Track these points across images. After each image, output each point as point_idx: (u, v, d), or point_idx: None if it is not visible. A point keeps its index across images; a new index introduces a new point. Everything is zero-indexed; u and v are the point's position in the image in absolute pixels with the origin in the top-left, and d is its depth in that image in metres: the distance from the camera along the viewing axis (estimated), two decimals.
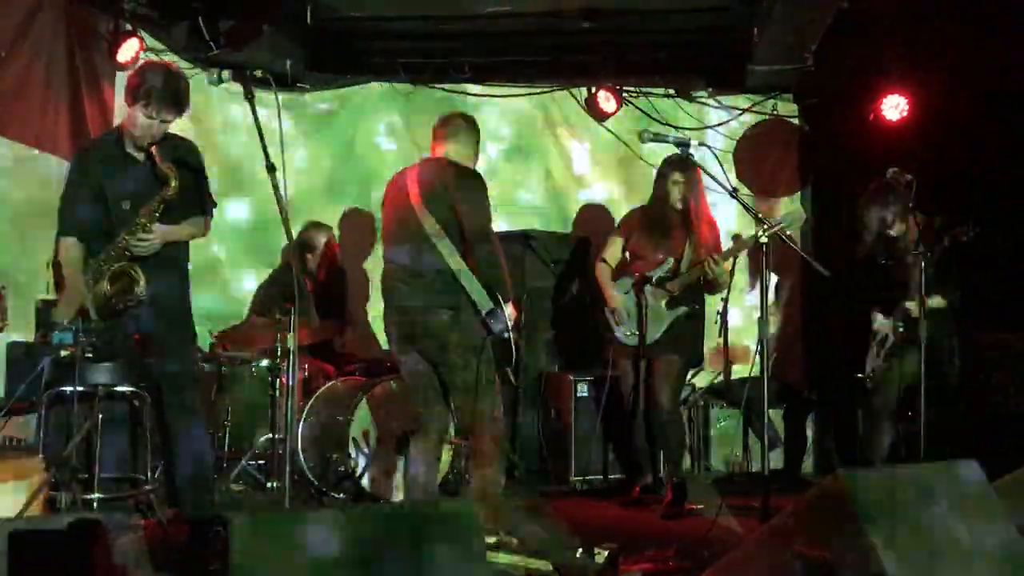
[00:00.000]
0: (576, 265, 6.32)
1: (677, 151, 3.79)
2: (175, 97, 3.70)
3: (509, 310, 4.01)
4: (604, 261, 5.32)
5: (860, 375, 5.00)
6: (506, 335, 3.97)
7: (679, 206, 5.09)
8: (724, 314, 6.13)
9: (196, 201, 3.94)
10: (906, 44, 6.05)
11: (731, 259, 5.01)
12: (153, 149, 3.72)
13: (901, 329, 4.82)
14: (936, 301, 4.66)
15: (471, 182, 4.11)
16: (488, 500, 4.01)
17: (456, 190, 4.04)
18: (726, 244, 5.27)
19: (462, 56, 6.76)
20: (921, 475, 2.69)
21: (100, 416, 3.78)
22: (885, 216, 4.87)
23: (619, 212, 6.14)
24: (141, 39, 5.84)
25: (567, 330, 6.27)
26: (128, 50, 5.76)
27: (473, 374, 3.96)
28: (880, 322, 4.94)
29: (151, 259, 3.73)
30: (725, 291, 5.05)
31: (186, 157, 3.88)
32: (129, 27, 5.83)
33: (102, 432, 3.81)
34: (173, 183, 3.70)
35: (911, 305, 4.73)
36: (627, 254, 5.29)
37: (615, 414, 5.40)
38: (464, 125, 4.31)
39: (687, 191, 5.04)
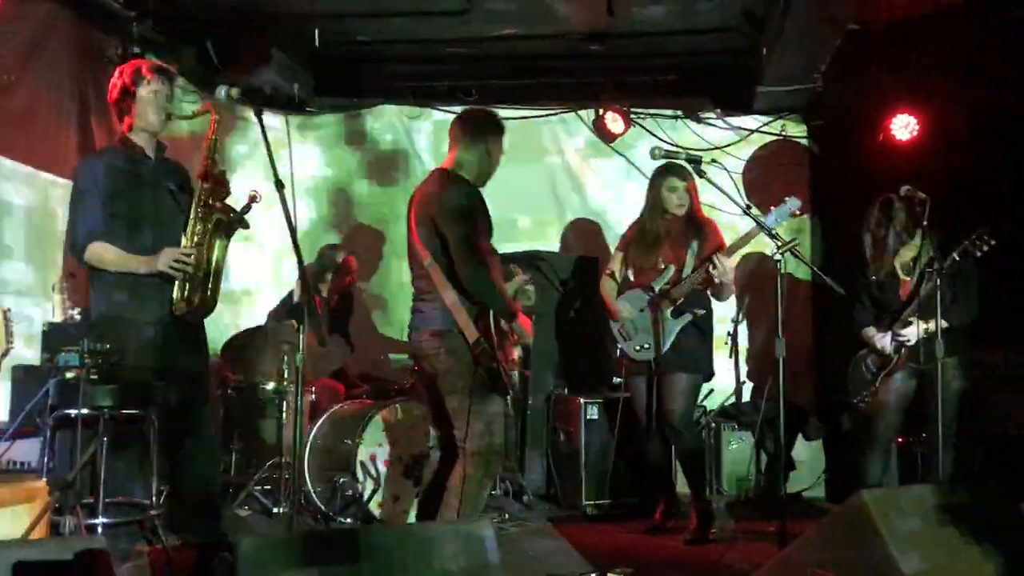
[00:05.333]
0: (584, 285, 6.28)
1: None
2: (159, 66, 3.95)
3: (518, 327, 3.86)
4: (609, 276, 5.21)
5: (856, 400, 4.92)
6: (493, 364, 3.69)
7: (679, 212, 4.95)
8: (735, 334, 6.09)
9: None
10: (915, 64, 6.04)
11: (735, 256, 4.81)
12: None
13: (899, 351, 4.75)
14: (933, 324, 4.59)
15: (452, 196, 3.76)
16: None
17: (436, 208, 3.76)
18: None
19: (469, 79, 6.78)
20: (944, 496, 2.64)
21: (105, 439, 3.72)
22: (890, 234, 4.82)
23: None
24: (134, 61, 5.84)
25: (575, 351, 6.21)
26: None
27: (460, 403, 3.73)
28: (879, 343, 4.85)
29: (158, 281, 3.73)
30: (732, 300, 4.92)
31: (183, 183, 3.96)
32: (137, 51, 5.84)
33: (107, 456, 3.75)
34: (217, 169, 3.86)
35: (907, 329, 4.67)
36: (629, 269, 5.21)
37: (628, 435, 5.32)
38: (471, 125, 3.96)
39: (686, 196, 4.93)
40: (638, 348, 4.94)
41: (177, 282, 3.73)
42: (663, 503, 5.09)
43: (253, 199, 3.78)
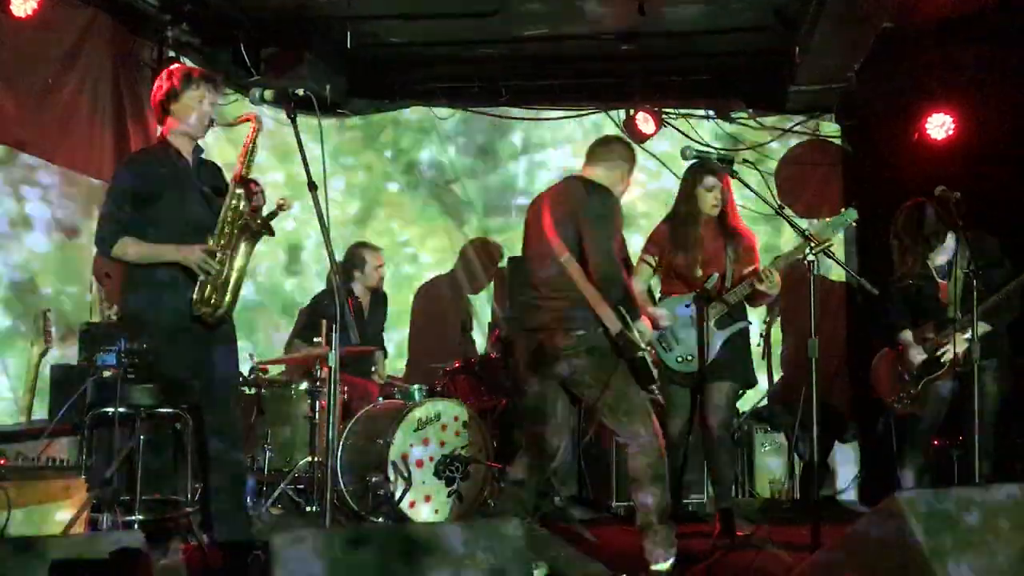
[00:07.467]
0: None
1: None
2: (208, 74, 3.97)
3: (643, 326, 3.92)
4: (645, 264, 4.96)
5: (891, 400, 4.86)
6: (639, 354, 3.85)
7: (714, 212, 4.79)
8: (767, 337, 6.04)
9: None
10: (951, 63, 5.97)
11: (782, 269, 4.75)
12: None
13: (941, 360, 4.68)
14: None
15: (597, 199, 3.99)
16: (646, 528, 3.93)
17: (582, 208, 3.97)
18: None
19: (500, 80, 6.79)
20: (981, 498, 2.60)
21: (142, 437, 3.77)
22: (919, 236, 4.75)
23: None
24: (184, 66, 5.91)
25: None
26: None
27: (613, 396, 3.88)
28: (911, 352, 4.79)
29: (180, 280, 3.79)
30: (767, 312, 4.88)
31: (218, 185, 4.00)
32: (172, 54, 5.92)
33: (144, 453, 3.80)
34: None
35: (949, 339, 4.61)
36: (664, 273, 5.08)
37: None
38: (613, 149, 4.23)
39: (721, 196, 4.78)
40: (680, 360, 4.77)
41: (199, 282, 3.75)
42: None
43: (281, 207, 3.79)
